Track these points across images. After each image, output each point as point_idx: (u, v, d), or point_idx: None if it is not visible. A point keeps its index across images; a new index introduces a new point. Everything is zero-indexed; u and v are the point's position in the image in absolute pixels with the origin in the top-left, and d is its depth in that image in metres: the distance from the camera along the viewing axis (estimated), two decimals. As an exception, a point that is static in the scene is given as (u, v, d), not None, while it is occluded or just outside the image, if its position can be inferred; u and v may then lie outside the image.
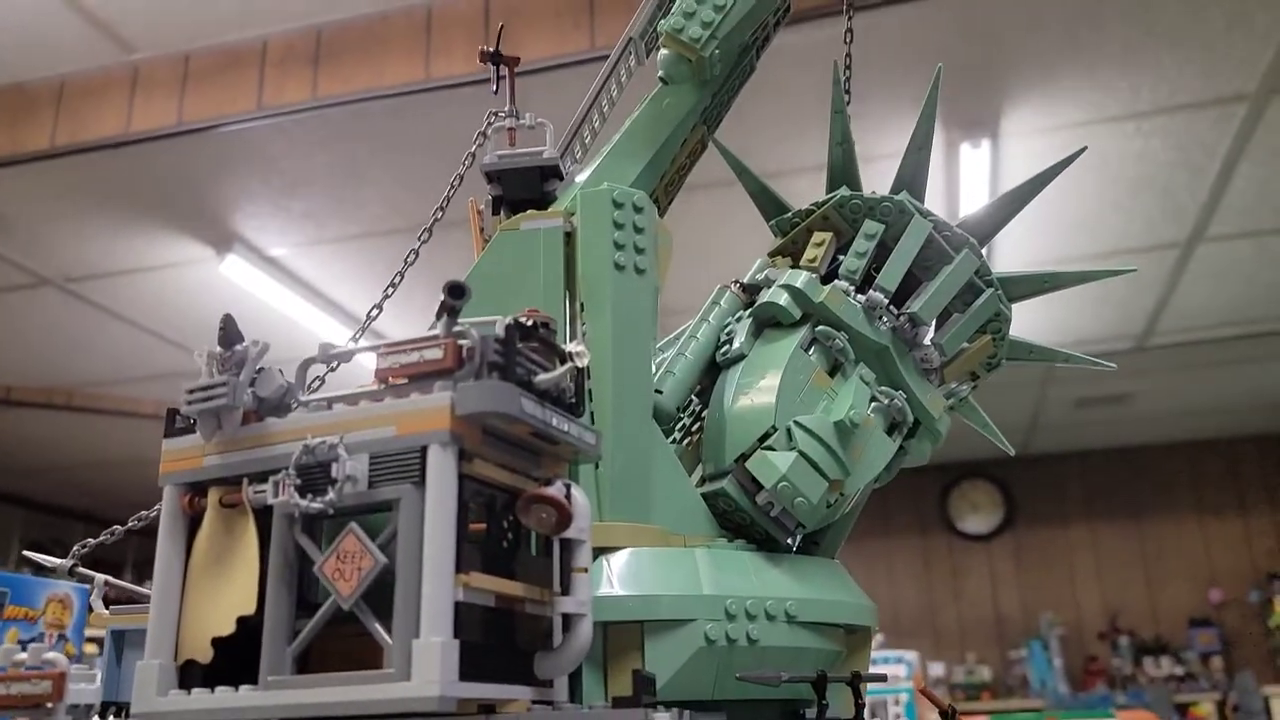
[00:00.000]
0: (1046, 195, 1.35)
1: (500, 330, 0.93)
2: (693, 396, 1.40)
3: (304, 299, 5.42)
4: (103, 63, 4.10)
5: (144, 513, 1.22)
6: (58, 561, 1.19)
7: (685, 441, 1.37)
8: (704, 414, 1.36)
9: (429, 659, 0.82)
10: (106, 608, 1.16)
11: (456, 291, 0.92)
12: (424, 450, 0.88)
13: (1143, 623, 8.50)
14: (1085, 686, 8.09)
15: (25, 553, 1.23)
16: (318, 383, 1.20)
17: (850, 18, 1.48)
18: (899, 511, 8.18)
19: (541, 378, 0.94)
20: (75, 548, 1.20)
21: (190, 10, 3.87)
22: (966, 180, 4.47)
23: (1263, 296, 5.97)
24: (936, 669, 7.53)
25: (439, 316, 0.93)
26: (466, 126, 1.41)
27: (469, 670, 0.84)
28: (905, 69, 3.59)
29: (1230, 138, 4.54)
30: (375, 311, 1.28)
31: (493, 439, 0.94)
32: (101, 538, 1.21)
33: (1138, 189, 4.91)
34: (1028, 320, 1.42)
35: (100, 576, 1.16)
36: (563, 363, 0.97)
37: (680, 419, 1.39)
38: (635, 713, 0.87)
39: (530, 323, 0.95)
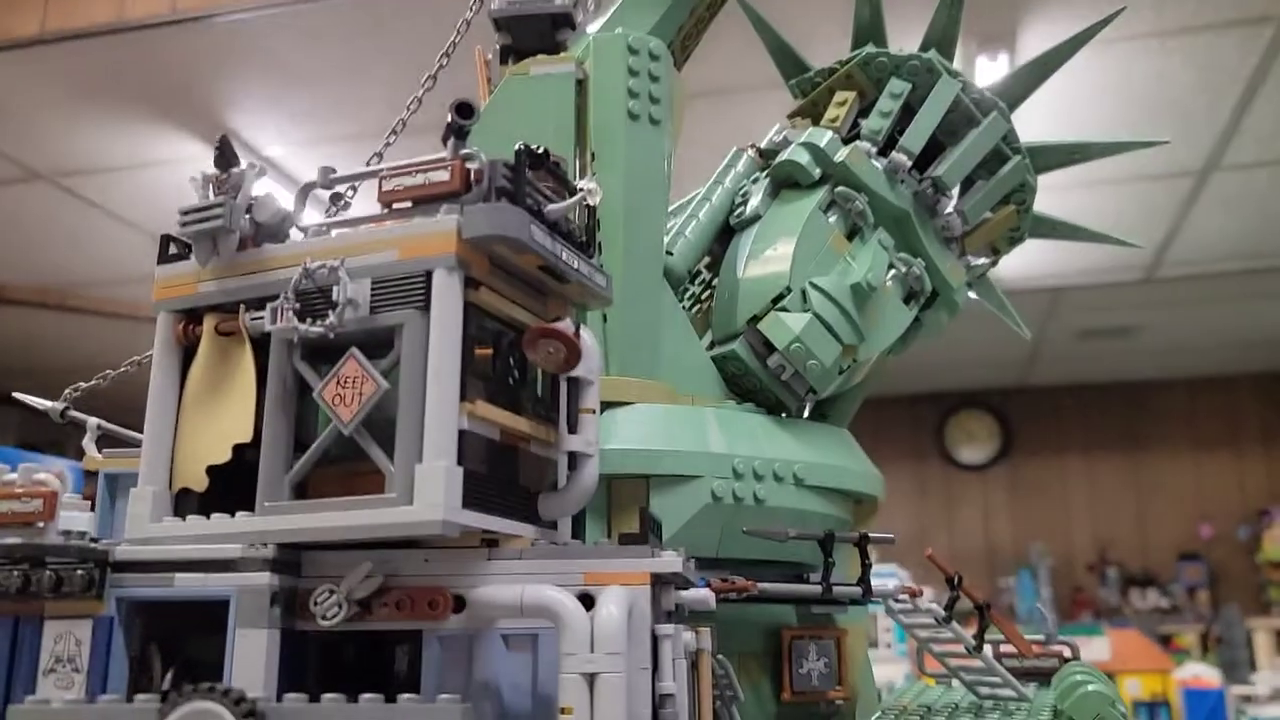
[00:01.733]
0: (1059, 113, 1.30)
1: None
2: (702, 268, 1.36)
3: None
4: (96, -53, 3.98)
5: (136, 357, 1.19)
6: (49, 404, 1.16)
7: (694, 310, 1.33)
8: (714, 283, 1.33)
9: (432, 483, 0.79)
10: (99, 452, 1.13)
11: (465, 110, 0.87)
12: (428, 274, 0.84)
13: (1131, 555, 8.58)
14: (1072, 617, 8.20)
15: (15, 394, 1.20)
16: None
17: None
18: (895, 439, 8.18)
19: (552, 207, 0.90)
20: (67, 390, 1.17)
21: (187, -108, 3.74)
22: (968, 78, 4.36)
23: (1276, 229, 5.90)
24: (926, 595, 7.59)
25: (446, 138, 0.88)
26: (481, 20, 1.33)
27: (472, 501, 0.81)
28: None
29: (1255, 61, 4.43)
30: (375, 160, 1.23)
31: (500, 271, 0.90)
32: (94, 381, 1.18)
33: (1156, 111, 4.81)
34: (1033, 248, 1.38)
35: (93, 420, 1.13)
36: (573, 196, 0.92)
37: (689, 288, 1.35)
38: (642, 549, 0.85)
39: (541, 150, 0.90)
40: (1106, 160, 1.37)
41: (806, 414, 1.25)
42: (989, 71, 4.21)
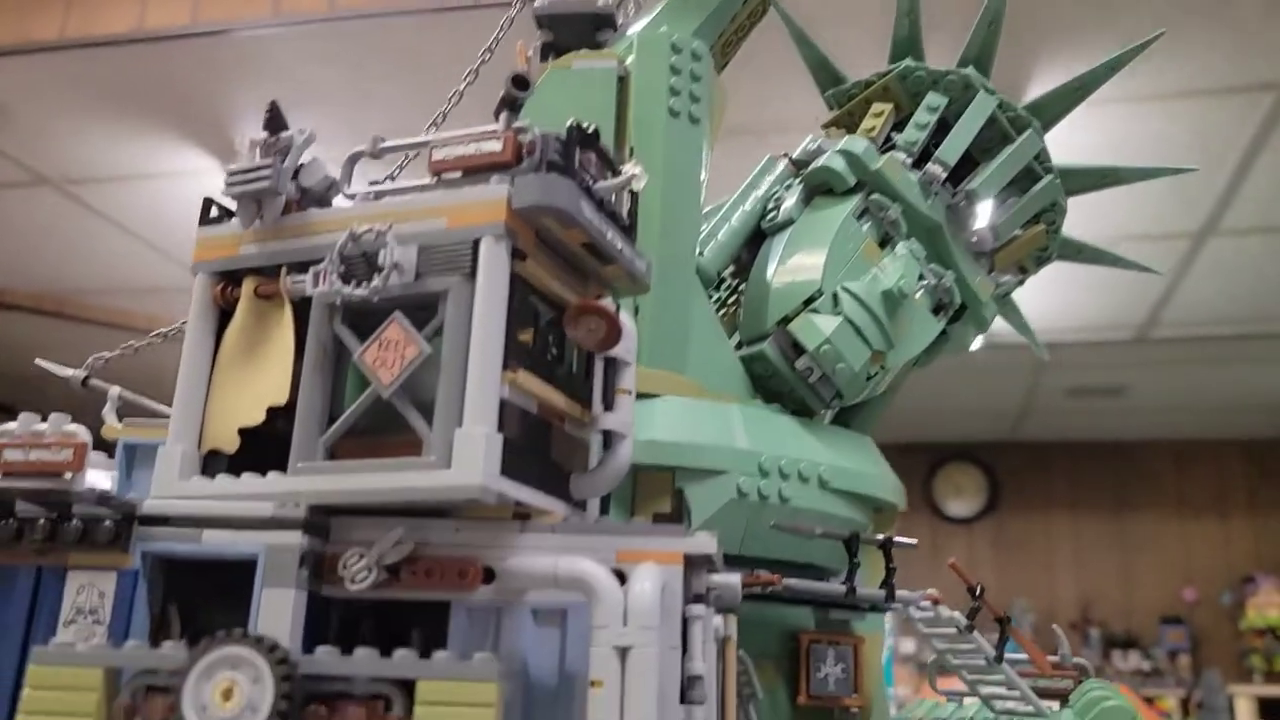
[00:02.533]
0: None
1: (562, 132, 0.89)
2: (728, 275, 1.37)
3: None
4: (118, -45, 4.01)
5: (164, 329, 1.18)
6: (71, 371, 1.15)
7: (720, 315, 1.33)
8: (740, 289, 1.33)
9: (472, 447, 0.78)
10: (120, 422, 1.12)
11: (520, 83, 0.88)
12: (476, 243, 0.84)
13: (1115, 616, 8.55)
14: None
15: (39, 360, 1.18)
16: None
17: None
18: (883, 489, 8.11)
19: (601, 184, 0.90)
20: (90, 359, 1.16)
21: (212, -94, 3.79)
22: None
23: (1270, 295, 5.96)
24: (908, 645, 7.57)
25: (499, 111, 0.89)
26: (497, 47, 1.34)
27: (509, 471, 0.81)
28: (937, 27, 3.53)
29: (1254, 128, 4.51)
30: (432, 130, 1.22)
31: (545, 246, 0.90)
32: (119, 350, 1.17)
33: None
34: (1027, 304, 1.39)
35: (115, 389, 1.12)
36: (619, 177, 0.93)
37: (715, 293, 1.35)
38: (676, 527, 0.84)
39: (592, 129, 0.91)
40: (1104, 220, 1.39)
41: (829, 420, 1.25)
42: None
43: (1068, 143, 1.36)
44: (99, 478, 0.91)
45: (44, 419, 0.88)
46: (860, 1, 1.57)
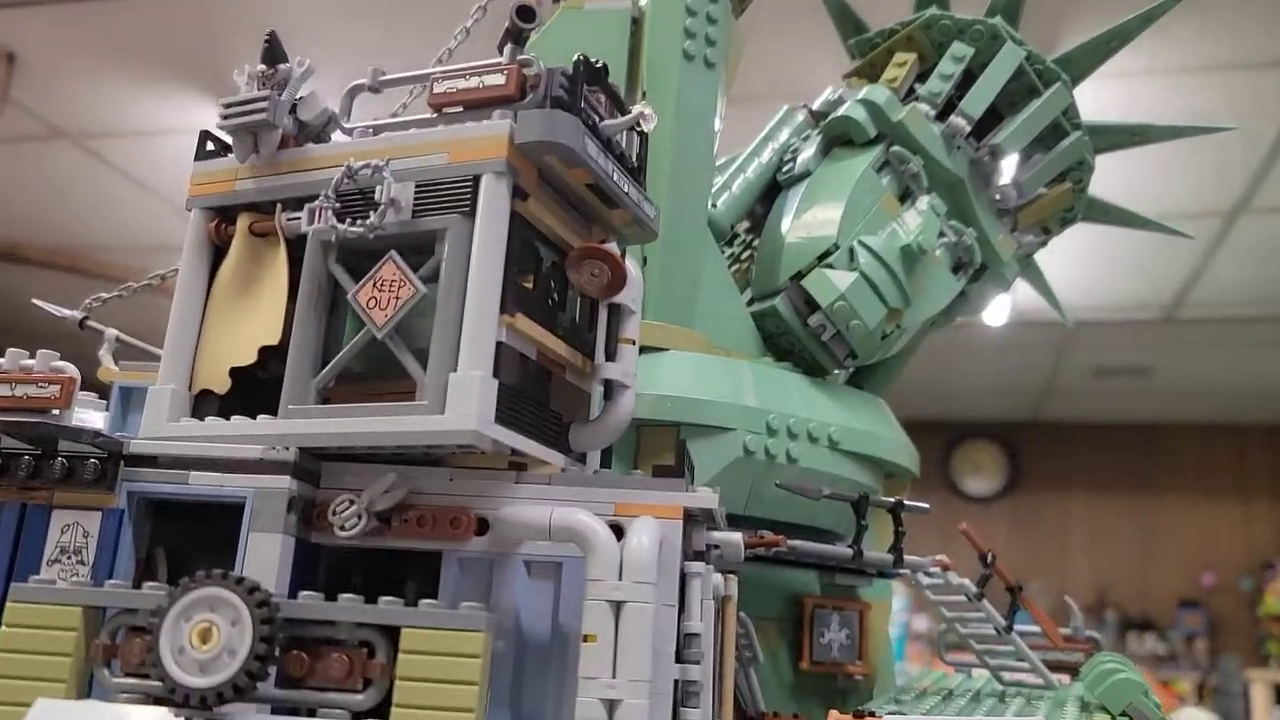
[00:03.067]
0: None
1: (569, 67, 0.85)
2: (742, 230, 1.33)
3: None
4: (139, -95, 3.97)
5: (160, 272, 1.16)
6: (69, 313, 1.13)
7: (733, 269, 1.30)
8: (754, 244, 1.29)
9: (466, 392, 0.75)
10: (115, 365, 1.10)
11: (526, 14, 0.84)
12: (476, 179, 0.81)
13: (1131, 599, 8.49)
14: (1066, 657, 8.08)
15: (35, 300, 1.16)
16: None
17: None
18: (900, 465, 8.07)
19: (607, 123, 0.87)
20: (88, 300, 1.14)
21: None
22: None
23: (1301, 277, 5.85)
24: (920, 623, 7.54)
25: (503, 44, 0.85)
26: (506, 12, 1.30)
27: (504, 418, 0.78)
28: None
29: (1292, 103, 4.40)
30: (456, 43, 1.19)
31: (548, 186, 0.86)
32: (116, 293, 1.15)
33: (1187, 150, 4.76)
34: (1054, 280, 1.35)
35: (111, 331, 1.10)
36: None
37: (729, 249, 1.32)
38: (677, 482, 0.81)
39: (600, 64, 0.87)
40: (1137, 196, 1.34)
41: (844, 381, 1.21)
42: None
43: (1102, 117, 1.31)
44: (92, 418, 0.89)
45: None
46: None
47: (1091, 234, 1.36)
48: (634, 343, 0.90)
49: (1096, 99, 1.29)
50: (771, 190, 1.25)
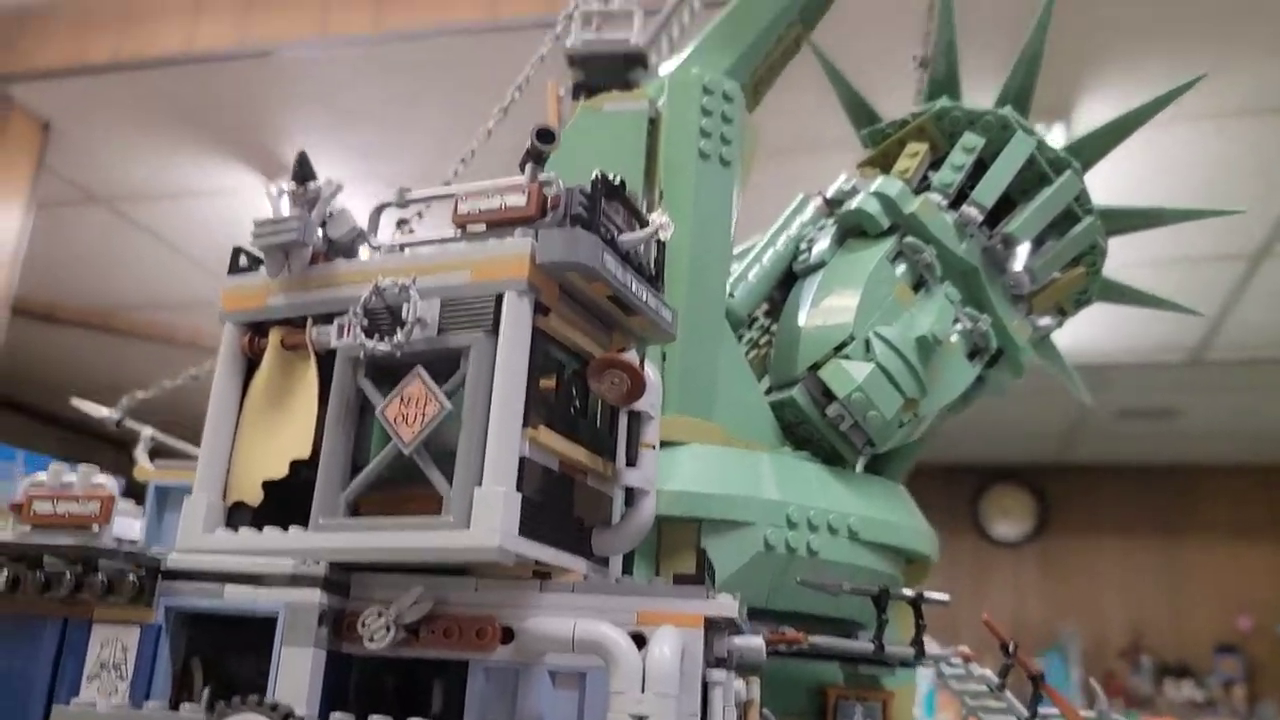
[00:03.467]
0: (1114, 192, 1.29)
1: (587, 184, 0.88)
2: (760, 314, 1.35)
3: (351, 239, 5.40)
4: (170, -23, 4.09)
5: (194, 370, 1.19)
6: (106, 411, 1.16)
7: (751, 355, 1.32)
8: (772, 329, 1.31)
9: (491, 507, 0.77)
10: (151, 463, 1.13)
11: (545, 136, 0.87)
12: (499, 298, 0.84)
13: (1166, 643, 8.34)
14: (1101, 703, 7.94)
15: (74, 400, 1.20)
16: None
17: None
18: (928, 510, 8.02)
19: (625, 237, 0.89)
20: (123, 399, 1.17)
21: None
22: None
23: (1325, 320, 5.80)
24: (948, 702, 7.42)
25: (524, 163, 0.88)
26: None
27: (528, 530, 0.80)
28: (981, 45, 3.49)
29: (1312, 149, 4.40)
30: (460, 166, 1.23)
31: (569, 299, 0.89)
32: (152, 391, 1.18)
33: (1211, 194, 4.76)
34: (1079, 324, 1.36)
35: (147, 430, 1.13)
36: (645, 227, 0.92)
37: (747, 333, 1.34)
38: (698, 589, 0.83)
39: (618, 180, 0.90)
40: (1159, 241, 1.35)
41: (861, 467, 1.23)
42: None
43: (1123, 163, 1.32)
44: (130, 527, 0.92)
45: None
46: (896, 40, 1.57)
47: (1117, 276, 1.37)
48: (654, 448, 0.92)
49: (1119, 149, 1.30)
50: (788, 278, 1.27)
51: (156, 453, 1.12)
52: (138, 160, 4.87)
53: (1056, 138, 4.24)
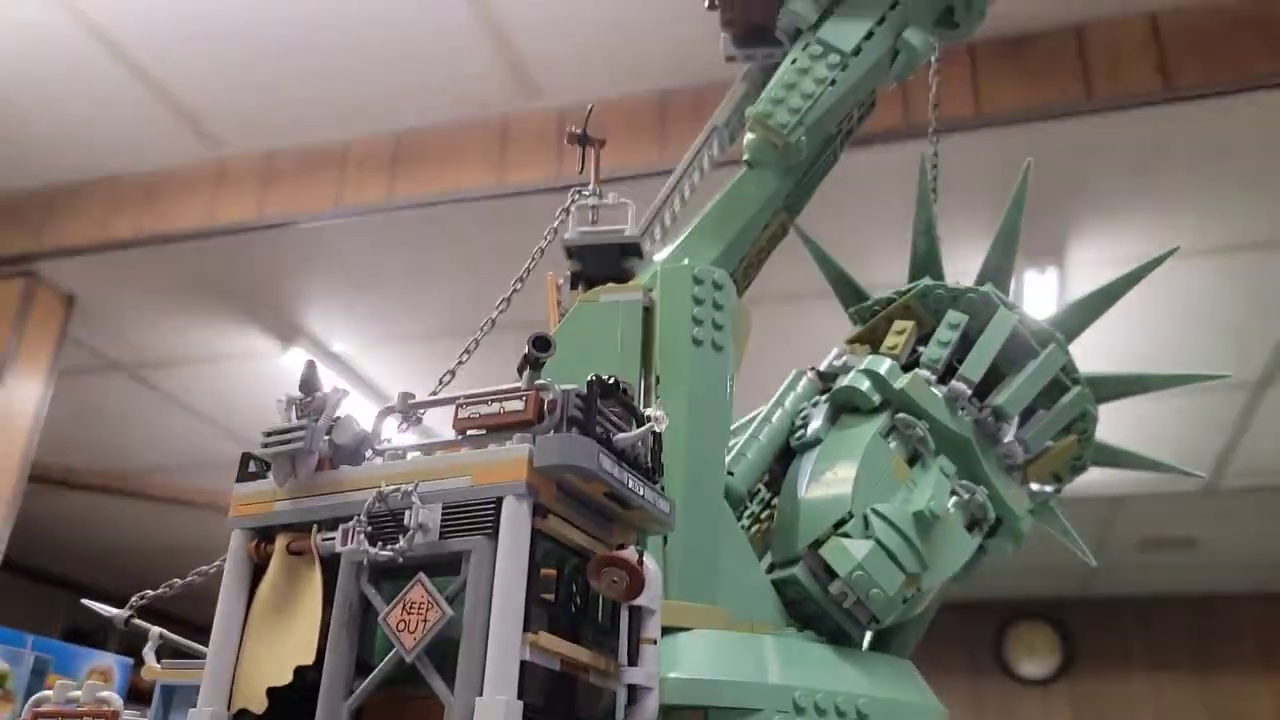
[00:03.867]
0: (1111, 329, 1.33)
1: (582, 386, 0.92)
2: (761, 485, 1.37)
3: (363, 395, 5.48)
4: (192, 158, 4.29)
5: (204, 567, 1.21)
6: (115, 611, 1.17)
7: (753, 529, 1.33)
8: (773, 502, 1.33)
9: (492, 718, 0.78)
10: (158, 662, 1.13)
11: (541, 344, 0.91)
12: (498, 502, 0.86)
13: (1209, 782, 7.99)
14: None
15: (84, 601, 1.21)
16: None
17: (935, 114, 1.49)
18: (950, 650, 7.84)
19: (620, 437, 0.92)
20: (133, 598, 1.19)
21: (277, 111, 4.06)
22: (1032, 306, 4.44)
23: (1340, 441, 5.78)
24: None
25: (521, 369, 0.92)
26: (537, 232, 1.42)
27: (531, 736, 0.80)
28: (972, 195, 3.62)
29: (1303, 279, 4.48)
30: (447, 378, 1.28)
31: (567, 497, 0.91)
32: (160, 590, 1.19)
33: (1207, 326, 4.84)
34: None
35: (155, 629, 1.14)
36: (641, 425, 0.95)
37: (749, 506, 1.36)
38: (704, 795, 0.82)
39: (612, 380, 0.94)
40: (1158, 369, 1.39)
41: (868, 642, 1.22)
42: (1038, 285, 4.31)
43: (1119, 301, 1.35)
44: (133, 736, 0.92)
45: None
46: (879, 221, 1.64)
47: (1124, 409, 1.38)
48: (655, 642, 0.93)
49: (1117, 274, 1.33)
50: (785, 453, 1.29)
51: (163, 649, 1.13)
52: (158, 329, 5.00)
53: (1049, 281, 4.34)
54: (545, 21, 3.62)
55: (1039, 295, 4.38)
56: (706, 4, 1.37)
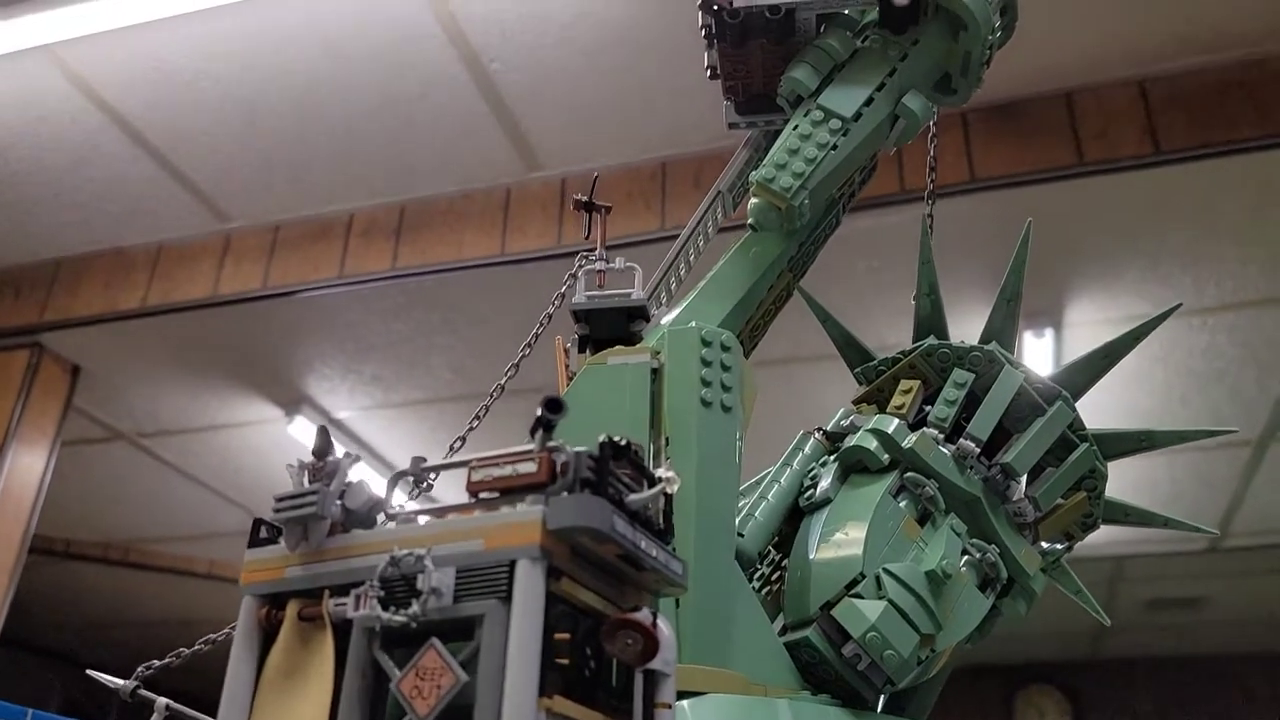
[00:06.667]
0: (1111, 388, 1.34)
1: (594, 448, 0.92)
2: (771, 547, 1.37)
3: (366, 462, 5.47)
4: (199, 230, 4.34)
5: (212, 635, 1.20)
6: (121, 682, 1.16)
7: (764, 591, 1.32)
8: (784, 564, 1.32)
9: (507, 786, 0.77)
10: (164, 734, 1.12)
11: (554, 406, 0.92)
12: (512, 565, 0.86)
13: None
14: None
15: (89, 672, 1.20)
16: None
17: (932, 177, 1.52)
18: (960, 713, 7.70)
19: (633, 497, 0.92)
20: (139, 669, 1.18)
21: (285, 184, 4.12)
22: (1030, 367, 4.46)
23: (1345, 497, 5.75)
24: None
25: (534, 431, 0.92)
26: (538, 298, 1.44)
27: (546, 804, 0.79)
28: (967, 257, 3.66)
29: (1300, 334, 4.50)
30: (458, 444, 1.28)
31: (580, 559, 0.91)
32: (167, 659, 1.18)
33: (1205, 383, 4.85)
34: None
35: (161, 700, 1.13)
36: (652, 486, 0.95)
37: (759, 568, 1.35)
38: None
39: (624, 442, 0.94)
40: (1165, 428, 1.39)
41: (883, 705, 1.21)
42: (1036, 348, 4.33)
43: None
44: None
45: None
46: (883, 281, 1.67)
47: (1125, 470, 1.38)
48: (670, 707, 0.92)
49: (1114, 335, 1.34)
50: (795, 514, 1.29)
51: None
52: (161, 398, 5.01)
53: (1047, 343, 4.36)
54: (548, 96, 3.69)
55: (1037, 358, 4.41)
56: (708, 74, 1.41)
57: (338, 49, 3.51)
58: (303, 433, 5.19)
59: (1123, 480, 1.41)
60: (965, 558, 1.18)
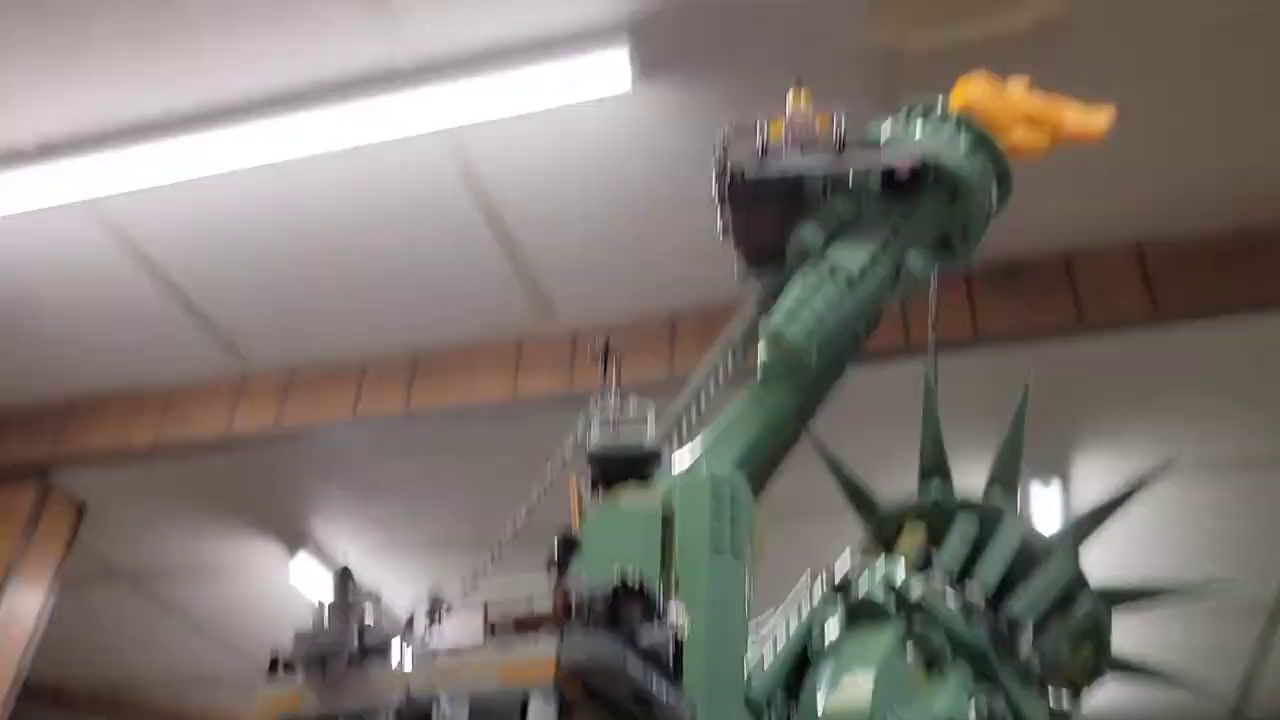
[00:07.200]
0: (1123, 550, 1.37)
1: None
2: (778, 694, 1.36)
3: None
4: (214, 370, 4.42)
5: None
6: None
7: (772, 740, 1.31)
8: (791, 713, 1.32)
9: None
10: None
11: (568, 544, 0.95)
12: (524, 701, 0.88)
13: None
14: None
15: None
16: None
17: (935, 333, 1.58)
18: None
19: (645, 637, 0.94)
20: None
21: (301, 328, 4.22)
22: (1037, 518, 4.43)
23: (1364, 667, 5.61)
24: None
25: (549, 568, 0.95)
26: (547, 444, 1.48)
27: None
28: (971, 413, 3.69)
29: (1311, 501, 4.49)
30: (471, 580, 1.30)
31: (592, 697, 0.93)
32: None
33: (1217, 544, 4.80)
34: (1120, 685, 1.39)
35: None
36: (664, 626, 0.97)
37: (767, 717, 1.34)
38: None
39: (637, 581, 0.97)
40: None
41: None
42: (1042, 498, 4.33)
43: (1132, 512, 1.37)
44: None
45: None
46: (890, 433, 1.73)
47: (1134, 633, 1.38)
48: None
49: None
50: (801, 661, 1.30)
51: None
52: (164, 538, 4.99)
53: (1053, 493, 4.36)
54: (562, 246, 3.83)
55: (1044, 507, 4.40)
56: (720, 234, 1.49)
57: (367, 206, 3.67)
58: (302, 574, 5.14)
59: (1131, 643, 1.41)
60: (972, 705, 1.18)
